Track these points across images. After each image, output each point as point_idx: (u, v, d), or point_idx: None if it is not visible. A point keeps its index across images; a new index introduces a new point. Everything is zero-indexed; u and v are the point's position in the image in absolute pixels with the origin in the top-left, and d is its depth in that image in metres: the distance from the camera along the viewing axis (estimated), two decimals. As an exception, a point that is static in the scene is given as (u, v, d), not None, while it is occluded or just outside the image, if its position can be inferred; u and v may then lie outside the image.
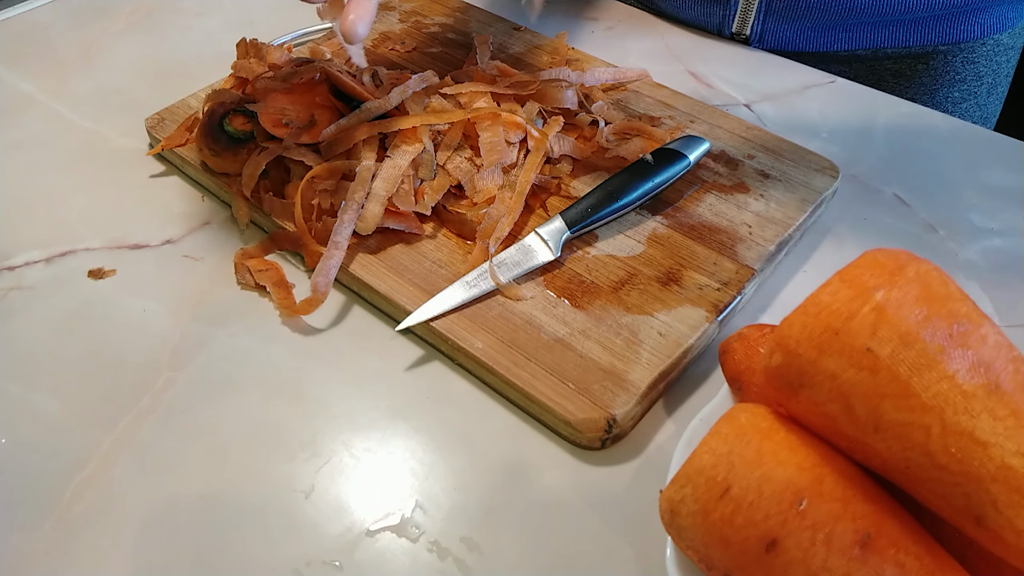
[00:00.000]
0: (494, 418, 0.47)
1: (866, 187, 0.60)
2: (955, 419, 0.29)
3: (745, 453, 0.33)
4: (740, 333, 0.42)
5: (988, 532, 0.29)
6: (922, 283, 0.32)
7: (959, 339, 0.30)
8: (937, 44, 0.71)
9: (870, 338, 0.31)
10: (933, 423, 0.29)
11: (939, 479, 0.30)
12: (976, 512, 0.29)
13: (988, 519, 0.29)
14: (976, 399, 0.30)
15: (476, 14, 0.76)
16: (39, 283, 0.54)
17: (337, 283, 0.53)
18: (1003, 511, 0.29)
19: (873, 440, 0.31)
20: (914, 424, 0.30)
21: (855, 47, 0.72)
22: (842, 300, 0.32)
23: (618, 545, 0.41)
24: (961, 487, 0.29)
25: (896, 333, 0.30)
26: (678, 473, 0.34)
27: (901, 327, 0.30)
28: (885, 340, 0.30)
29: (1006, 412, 0.29)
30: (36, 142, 0.66)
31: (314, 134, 0.56)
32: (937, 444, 0.29)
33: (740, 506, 0.32)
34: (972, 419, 0.29)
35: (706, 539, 0.33)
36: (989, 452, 0.29)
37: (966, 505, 0.29)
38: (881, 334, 0.30)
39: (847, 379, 0.31)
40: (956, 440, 0.29)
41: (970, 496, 0.29)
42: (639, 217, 0.55)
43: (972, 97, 0.76)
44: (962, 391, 0.30)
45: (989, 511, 0.29)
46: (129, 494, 0.43)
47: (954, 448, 0.29)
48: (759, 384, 0.40)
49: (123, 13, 0.81)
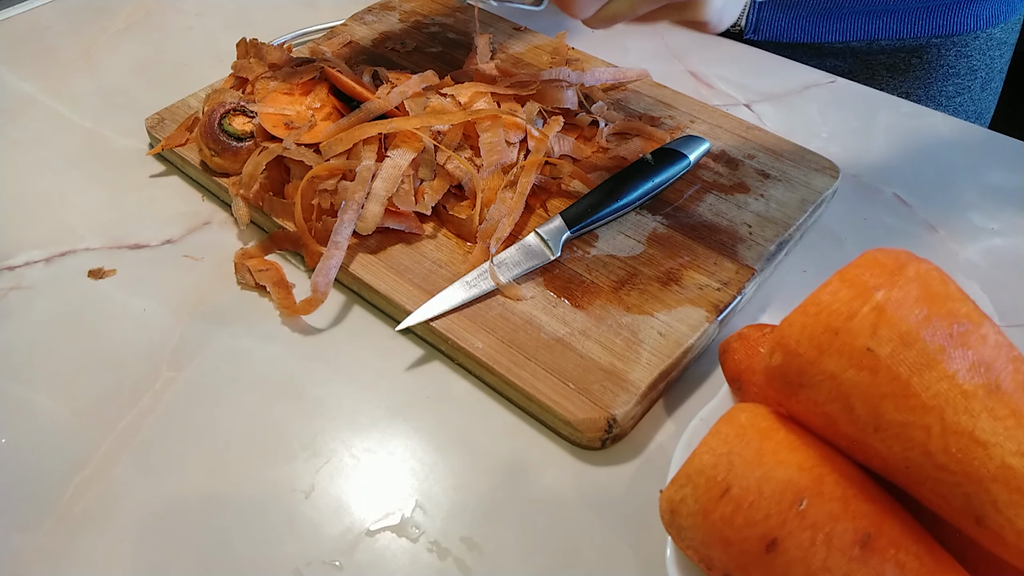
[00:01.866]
0: (494, 418, 0.47)
1: (866, 187, 0.60)
2: (955, 419, 0.29)
3: (745, 453, 0.33)
4: (740, 333, 0.42)
5: (988, 532, 0.29)
6: (922, 283, 0.31)
7: (959, 339, 0.30)
8: (930, 36, 0.71)
9: (870, 338, 0.31)
10: (933, 423, 0.29)
11: (939, 479, 0.30)
12: (976, 512, 0.29)
13: (988, 519, 0.29)
14: (976, 399, 0.30)
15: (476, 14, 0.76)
16: (39, 283, 0.54)
17: (337, 283, 0.53)
18: (1003, 511, 0.29)
19: (873, 440, 0.31)
20: (914, 424, 0.30)
21: (849, 38, 0.72)
22: (842, 300, 0.32)
23: (618, 545, 0.41)
24: (961, 487, 0.29)
25: (896, 333, 0.30)
26: (678, 473, 0.34)
27: (901, 327, 0.30)
28: (885, 340, 0.30)
29: (1006, 412, 0.29)
30: (36, 142, 0.66)
31: (314, 134, 0.56)
32: (937, 444, 0.29)
33: (740, 506, 0.32)
34: (972, 419, 0.29)
35: (706, 539, 0.33)
36: (989, 452, 0.29)
37: (966, 505, 0.29)
38: (881, 334, 0.30)
39: (847, 379, 0.31)
40: (956, 440, 0.29)
41: (970, 496, 0.29)
42: (639, 217, 0.55)
43: (966, 91, 0.77)
44: (962, 391, 0.30)
45: (989, 511, 0.29)
46: (129, 494, 0.43)
47: (954, 448, 0.29)
48: (759, 384, 0.39)
49: (123, 13, 0.81)
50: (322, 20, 0.76)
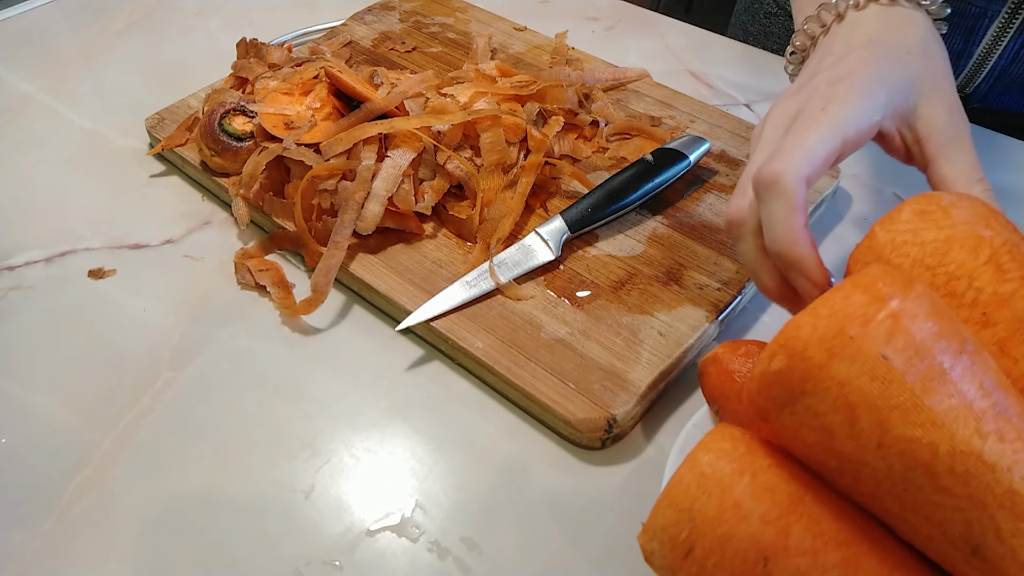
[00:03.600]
0: (494, 418, 0.47)
1: (866, 187, 0.60)
2: (965, 439, 0.28)
3: (707, 509, 0.31)
4: (715, 355, 0.41)
5: (985, 564, 0.28)
6: (931, 299, 0.30)
7: (969, 358, 0.29)
8: None
9: (886, 345, 0.29)
10: (941, 441, 0.28)
11: (939, 504, 0.28)
12: (975, 541, 0.28)
13: (988, 548, 0.28)
14: (986, 420, 0.28)
15: (476, 14, 0.76)
16: (39, 283, 0.54)
17: (337, 283, 0.53)
18: (1006, 540, 0.27)
19: (873, 458, 0.29)
20: (921, 441, 0.28)
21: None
22: (856, 304, 0.30)
23: (618, 545, 0.41)
24: (962, 512, 0.28)
25: (911, 343, 0.29)
26: (648, 521, 0.33)
27: (915, 338, 0.29)
28: (900, 349, 0.29)
29: (1014, 435, 0.28)
30: (36, 142, 0.66)
31: (314, 134, 0.56)
32: (943, 464, 0.28)
33: (704, 567, 0.31)
34: (982, 440, 0.28)
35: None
36: (997, 476, 0.28)
37: (965, 533, 0.28)
38: (897, 342, 0.29)
39: (857, 387, 0.29)
40: (964, 461, 0.28)
41: (971, 523, 0.28)
42: (639, 217, 0.55)
43: None
44: (972, 411, 0.28)
45: (990, 539, 0.28)
46: (129, 494, 0.43)
47: (960, 469, 0.28)
48: (735, 410, 0.39)
49: (123, 13, 0.81)
50: (322, 20, 0.76)
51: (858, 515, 0.32)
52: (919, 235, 0.35)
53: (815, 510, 0.31)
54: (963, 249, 0.34)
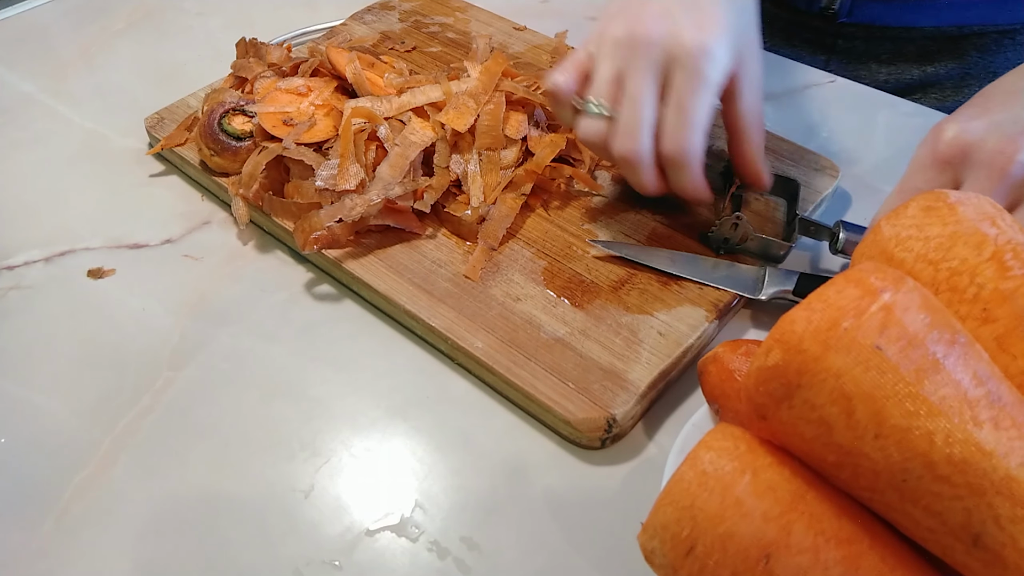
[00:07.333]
0: (494, 418, 0.47)
1: (866, 187, 0.60)
2: (961, 427, 0.28)
3: (708, 506, 0.31)
4: (715, 354, 0.41)
5: (986, 553, 0.28)
6: (922, 294, 0.31)
7: (961, 349, 0.30)
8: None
9: (879, 336, 0.29)
10: (937, 430, 0.28)
11: (938, 493, 0.29)
12: (975, 530, 0.28)
13: (988, 537, 0.28)
14: (981, 408, 0.29)
15: (476, 14, 0.76)
16: (39, 283, 0.54)
17: (337, 283, 0.54)
18: (1005, 527, 0.28)
19: (871, 449, 0.30)
20: (918, 430, 0.29)
21: (941, 23, 0.72)
22: (849, 298, 0.30)
23: (618, 545, 0.41)
24: (961, 501, 0.28)
25: (904, 334, 0.29)
26: (648, 520, 0.33)
27: (908, 329, 0.30)
28: (894, 339, 0.29)
29: (1009, 423, 0.29)
30: (36, 142, 0.66)
31: (314, 133, 0.56)
32: (940, 453, 0.28)
33: (706, 565, 0.31)
34: (978, 427, 0.28)
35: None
36: (994, 463, 0.28)
37: (964, 522, 0.28)
38: (890, 333, 0.29)
39: (852, 377, 0.30)
40: (961, 449, 0.28)
41: (970, 511, 0.28)
42: (639, 217, 0.55)
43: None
44: (967, 399, 0.29)
45: (990, 527, 0.28)
46: (129, 494, 0.43)
47: (958, 457, 0.28)
48: (735, 409, 0.39)
49: (123, 13, 0.81)
50: (322, 20, 0.76)
51: (859, 512, 0.32)
52: (924, 230, 0.35)
53: (816, 508, 0.31)
54: (967, 245, 0.34)
